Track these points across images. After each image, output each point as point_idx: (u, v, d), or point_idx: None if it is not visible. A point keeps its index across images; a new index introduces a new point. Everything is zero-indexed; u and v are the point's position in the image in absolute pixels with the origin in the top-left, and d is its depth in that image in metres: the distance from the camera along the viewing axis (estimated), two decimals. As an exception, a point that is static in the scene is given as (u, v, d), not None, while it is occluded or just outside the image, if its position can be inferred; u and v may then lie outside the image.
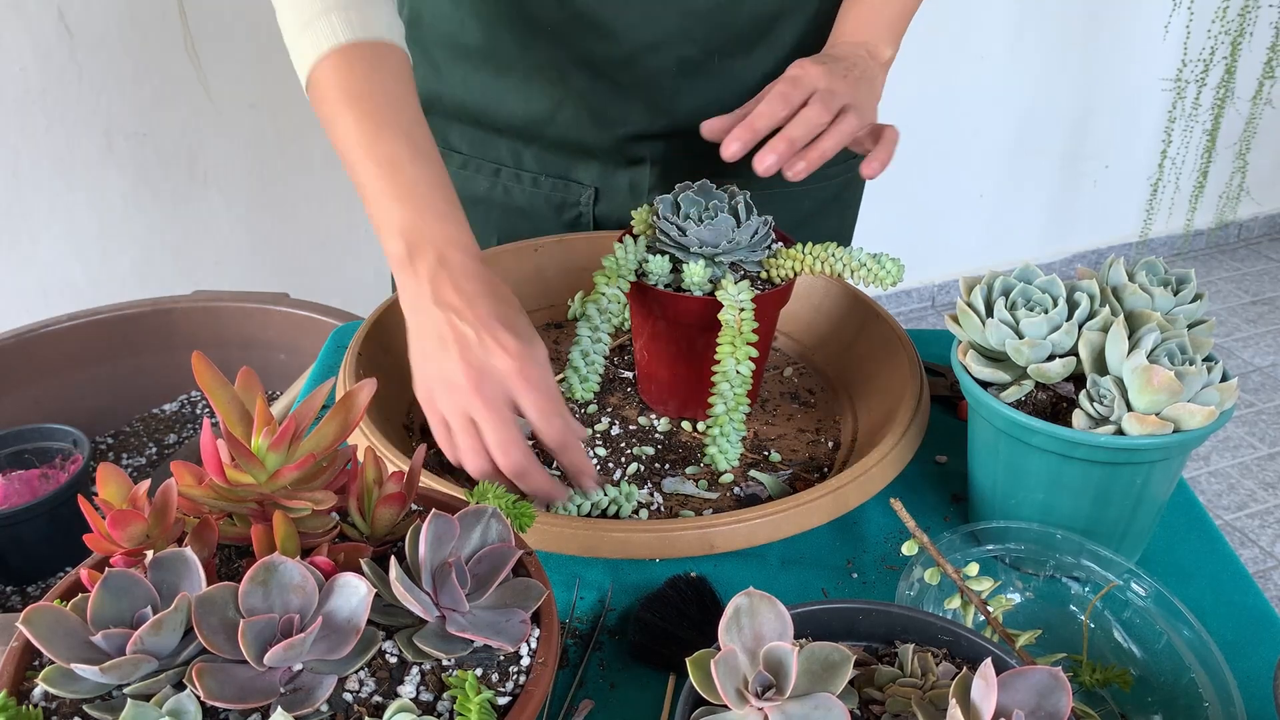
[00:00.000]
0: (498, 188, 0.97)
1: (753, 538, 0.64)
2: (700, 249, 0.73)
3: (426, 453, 0.67)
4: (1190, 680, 0.56)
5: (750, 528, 0.64)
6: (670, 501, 0.73)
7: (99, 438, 1.51)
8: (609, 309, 0.72)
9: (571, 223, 0.98)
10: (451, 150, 0.97)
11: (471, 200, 0.97)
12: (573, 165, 0.95)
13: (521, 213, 0.98)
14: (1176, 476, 0.65)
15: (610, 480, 0.75)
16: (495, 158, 0.96)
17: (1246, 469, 2.24)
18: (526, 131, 0.93)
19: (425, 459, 0.53)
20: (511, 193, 0.97)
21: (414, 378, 0.66)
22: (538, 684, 0.43)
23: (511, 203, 0.98)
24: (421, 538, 0.45)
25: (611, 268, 0.73)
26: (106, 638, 0.40)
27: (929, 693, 0.43)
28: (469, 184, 0.97)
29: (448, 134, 0.96)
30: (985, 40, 2.47)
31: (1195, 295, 0.65)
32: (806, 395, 0.85)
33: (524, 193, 0.97)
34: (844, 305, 0.88)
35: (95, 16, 1.63)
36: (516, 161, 0.96)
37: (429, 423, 0.65)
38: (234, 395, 0.47)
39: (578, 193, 0.96)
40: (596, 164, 0.95)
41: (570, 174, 0.96)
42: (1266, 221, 3.25)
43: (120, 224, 1.82)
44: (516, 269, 0.93)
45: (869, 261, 0.71)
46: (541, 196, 0.97)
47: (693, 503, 0.73)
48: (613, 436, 0.79)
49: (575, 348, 0.71)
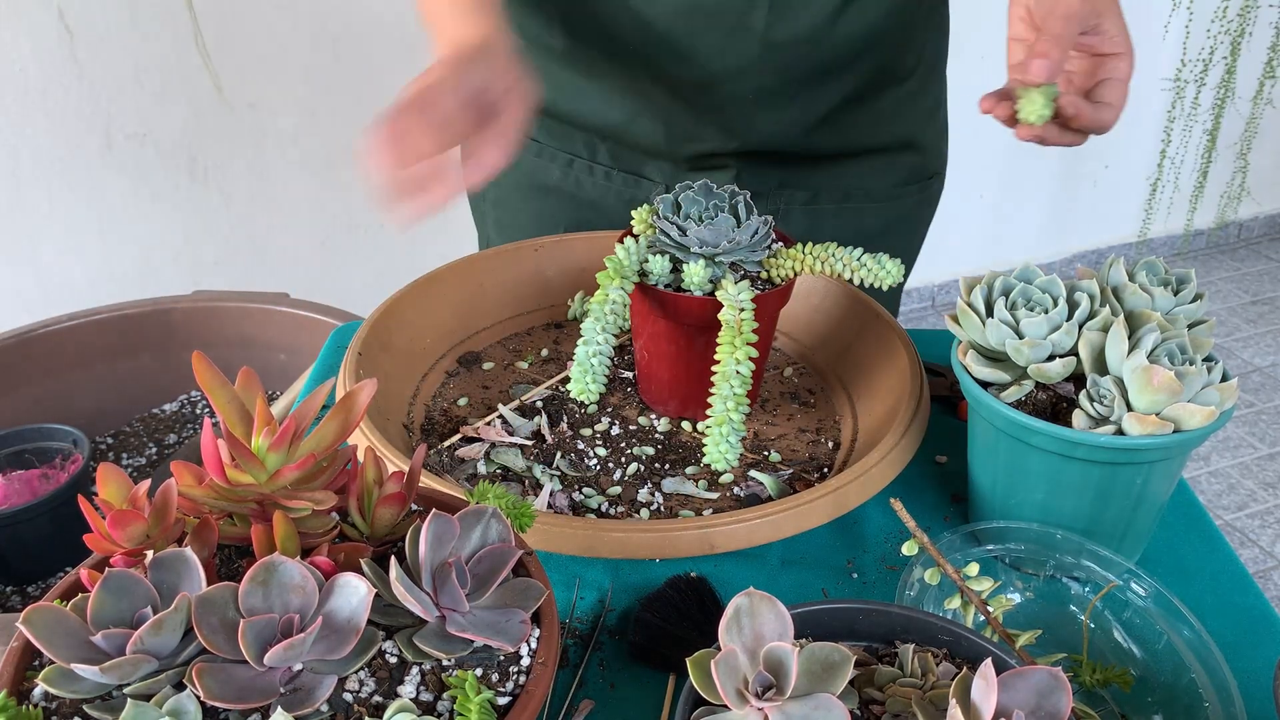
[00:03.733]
0: (570, 178, 0.98)
1: (753, 537, 0.64)
2: (700, 249, 0.73)
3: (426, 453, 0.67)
4: (1190, 680, 0.56)
5: (750, 528, 0.63)
6: (670, 502, 0.73)
7: (99, 438, 1.51)
8: (615, 309, 0.71)
9: None
10: (528, 139, 0.97)
11: (543, 189, 0.98)
12: (645, 163, 0.96)
13: (592, 204, 0.99)
14: (1176, 476, 0.65)
15: (612, 480, 0.75)
16: (570, 149, 0.97)
17: (1246, 469, 2.24)
18: (602, 131, 0.94)
19: (425, 459, 0.53)
20: (583, 184, 0.98)
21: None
22: (538, 684, 0.43)
23: (582, 194, 0.98)
24: (421, 538, 0.45)
25: (615, 267, 0.72)
26: (106, 638, 0.40)
27: (929, 693, 0.43)
28: (542, 173, 0.98)
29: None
30: (985, 40, 2.47)
31: (1195, 295, 0.65)
32: (806, 395, 0.85)
33: (595, 185, 0.98)
34: (844, 305, 0.88)
35: (95, 16, 1.63)
36: (591, 155, 0.97)
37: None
38: (234, 395, 0.47)
39: (648, 189, 0.97)
40: (669, 164, 0.95)
41: (642, 171, 0.96)
42: (1266, 221, 3.25)
43: (120, 224, 1.82)
44: (516, 269, 0.93)
45: (868, 261, 0.71)
46: (613, 191, 0.98)
47: (693, 503, 0.73)
48: (613, 436, 0.79)
49: (584, 346, 0.70)
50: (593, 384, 0.70)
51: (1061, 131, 0.69)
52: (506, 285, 0.93)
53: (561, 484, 0.74)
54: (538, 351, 0.90)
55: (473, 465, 0.76)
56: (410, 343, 0.85)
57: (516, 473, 0.75)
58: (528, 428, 0.79)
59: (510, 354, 0.90)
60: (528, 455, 0.77)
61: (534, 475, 0.74)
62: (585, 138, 0.96)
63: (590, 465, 0.76)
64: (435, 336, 0.88)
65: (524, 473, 0.75)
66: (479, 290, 0.92)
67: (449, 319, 0.89)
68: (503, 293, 0.93)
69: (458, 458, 0.76)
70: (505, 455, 0.76)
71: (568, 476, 0.75)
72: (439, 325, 0.88)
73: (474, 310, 0.91)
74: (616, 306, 0.71)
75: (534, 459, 0.76)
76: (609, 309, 0.70)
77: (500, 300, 0.93)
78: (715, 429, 0.69)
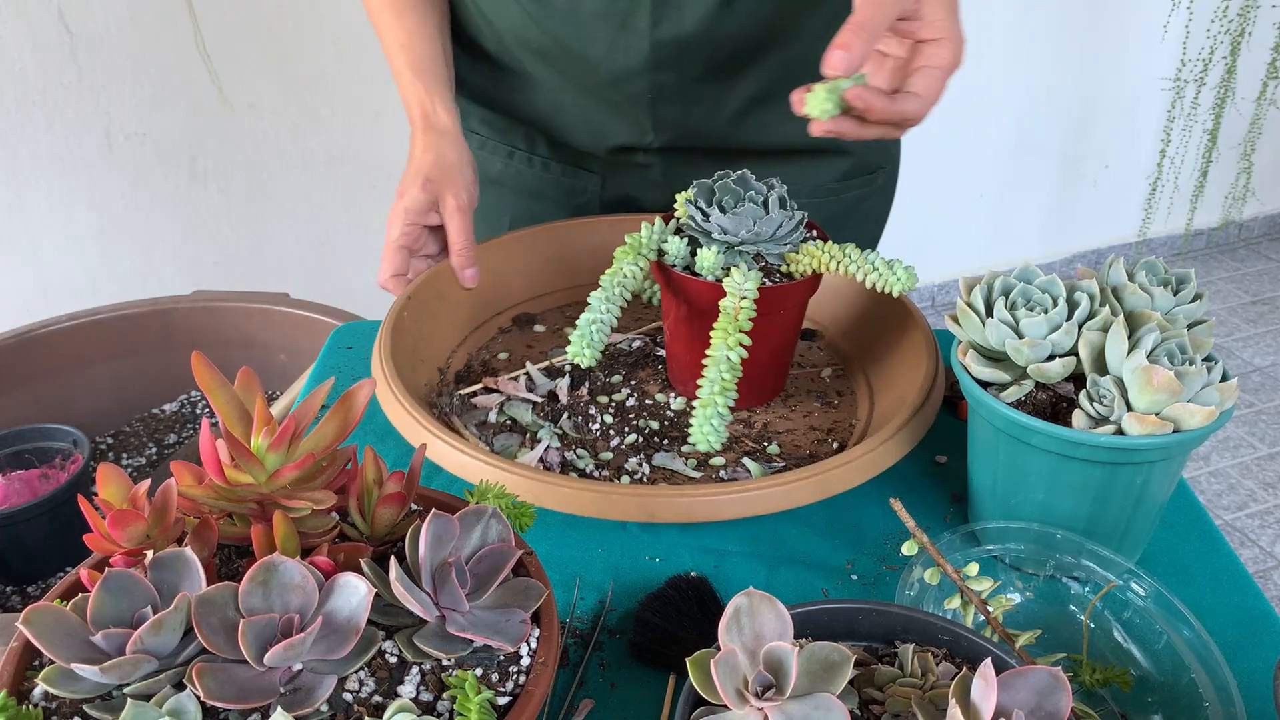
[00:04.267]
0: (511, 169, 1.00)
1: (691, 513, 0.64)
2: (719, 235, 0.74)
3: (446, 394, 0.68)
4: (1190, 680, 0.56)
5: (692, 503, 0.64)
6: (656, 475, 0.74)
7: (99, 438, 1.51)
8: (624, 282, 0.74)
9: (580, 207, 1.00)
10: (470, 132, 1.00)
11: (486, 180, 1.00)
12: (581, 156, 0.98)
13: (533, 195, 1.01)
14: (1176, 476, 0.65)
15: (608, 447, 0.77)
16: (511, 142, 0.99)
17: (1246, 469, 2.24)
18: (536, 123, 0.97)
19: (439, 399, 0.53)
20: (524, 176, 1.00)
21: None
22: (538, 684, 0.43)
23: (524, 185, 1.00)
24: (421, 538, 0.45)
25: (633, 244, 0.75)
26: (106, 638, 0.40)
27: (929, 693, 0.43)
28: (485, 165, 1.00)
29: (468, 117, 1.00)
30: (985, 40, 2.47)
31: (1195, 295, 0.65)
32: (834, 397, 0.84)
33: (536, 177, 1.00)
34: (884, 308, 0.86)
35: (95, 16, 1.63)
36: (530, 147, 0.99)
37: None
38: (234, 395, 0.47)
39: (586, 180, 0.99)
40: (603, 158, 0.97)
41: (580, 162, 0.98)
42: (1267, 221, 3.25)
43: (120, 224, 1.82)
44: (589, 239, 0.95)
45: (881, 266, 0.72)
46: (552, 181, 1.00)
47: (676, 479, 0.74)
48: (626, 407, 0.81)
49: (587, 313, 0.72)
50: (588, 350, 0.71)
51: (861, 125, 0.64)
52: (576, 256, 0.95)
53: (560, 442, 0.76)
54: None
55: (484, 414, 0.79)
56: (468, 296, 0.88)
57: (522, 426, 0.78)
58: (546, 387, 0.82)
59: (565, 320, 0.93)
60: (538, 412, 0.80)
61: (537, 430, 0.77)
62: (525, 131, 0.98)
63: (593, 429, 0.78)
64: (498, 293, 0.91)
65: (529, 426, 0.78)
66: (554, 259, 0.95)
67: (514, 278, 0.93)
68: (573, 263, 0.95)
69: (471, 404, 0.80)
70: (516, 409, 0.79)
71: (568, 437, 0.77)
72: (504, 284, 0.92)
73: (543, 275, 0.94)
74: (626, 280, 0.73)
75: (542, 416, 0.79)
76: (618, 281, 0.73)
77: (568, 269, 0.95)
78: (700, 410, 0.70)
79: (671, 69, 0.85)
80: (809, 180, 0.97)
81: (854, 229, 1.02)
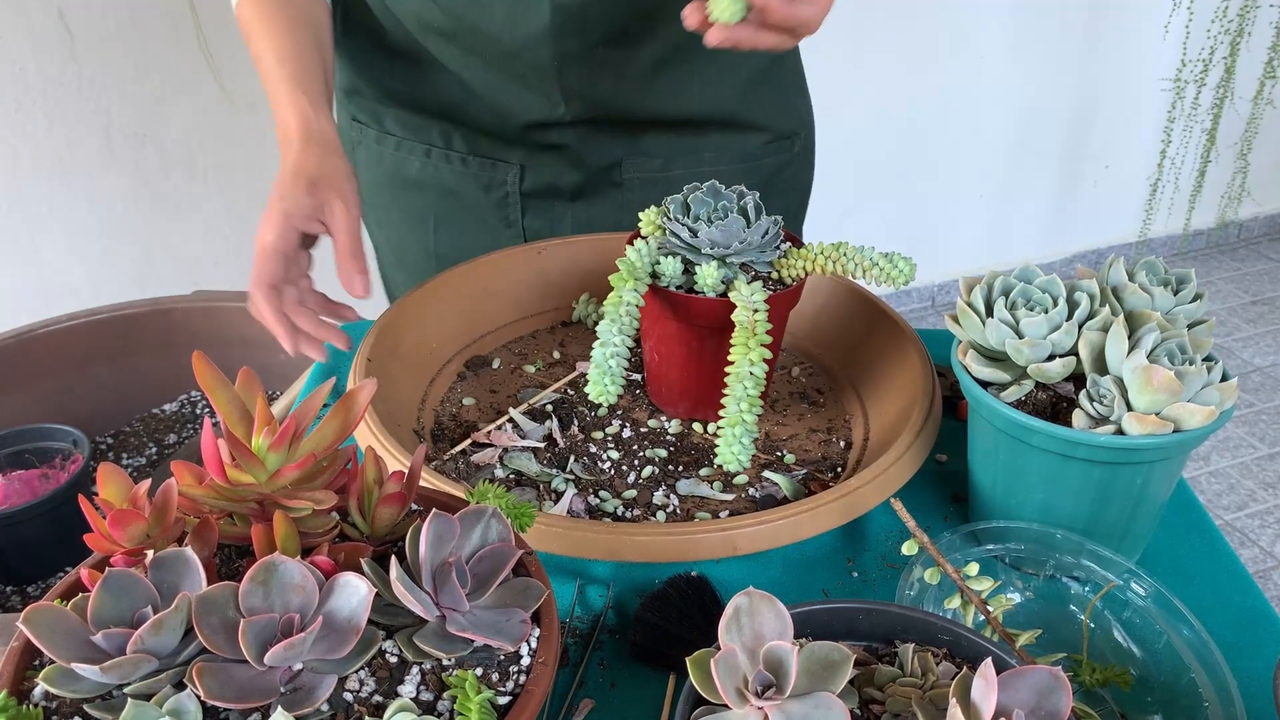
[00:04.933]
0: (429, 168, 0.99)
1: (776, 538, 0.64)
2: (712, 250, 0.73)
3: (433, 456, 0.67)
4: (1190, 680, 0.56)
5: (774, 529, 0.63)
6: (686, 504, 0.73)
7: (99, 438, 1.51)
8: (629, 310, 0.71)
9: (500, 201, 1.00)
10: (386, 134, 0.99)
11: (407, 183, 1.00)
12: (497, 146, 0.97)
13: (453, 194, 1.00)
14: (1176, 476, 0.65)
15: (626, 484, 0.75)
16: (427, 139, 0.99)
17: (1246, 469, 2.24)
18: (449, 114, 0.96)
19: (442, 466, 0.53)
20: (442, 173, 0.99)
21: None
22: (538, 684, 0.43)
23: (443, 183, 1.00)
24: (422, 537, 0.45)
25: (628, 269, 0.72)
26: (107, 637, 0.40)
27: (929, 692, 0.43)
28: (403, 166, 1.00)
29: (382, 118, 0.99)
30: (985, 40, 2.47)
31: (1195, 295, 0.65)
32: (815, 395, 0.85)
33: (454, 173, 0.99)
34: (849, 305, 0.88)
35: (95, 16, 1.63)
36: (446, 143, 0.98)
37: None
38: (234, 395, 0.47)
39: (504, 171, 0.98)
40: (520, 146, 0.96)
41: (497, 154, 0.97)
42: (1266, 221, 3.25)
43: (120, 224, 1.82)
44: (520, 272, 0.94)
45: (881, 261, 0.71)
46: (470, 176, 0.99)
47: (709, 504, 0.73)
48: (624, 439, 0.80)
49: (600, 348, 0.69)
50: (611, 385, 0.68)
51: (757, 32, 0.65)
52: (510, 289, 0.93)
53: (576, 488, 0.74)
54: (549, 353, 0.91)
55: (489, 471, 0.76)
56: (417, 348, 0.85)
57: (531, 477, 0.75)
58: (539, 431, 0.79)
59: (517, 357, 0.90)
60: (540, 459, 0.77)
61: (549, 480, 0.75)
62: (440, 127, 0.97)
63: (604, 469, 0.76)
64: (441, 341, 0.88)
65: (539, 477, 0.75)
66: (483, 294, 0.92)
67: (455, 323, 0.90)
68: (507, 296, 0.93)
69: (473, 464, 0.76)
70: (519, 460, 0.76)
71: (582, 480, 0.75)
72: (445, 330, 0.89)
73: (479, 314, 0.91)
74: (631, 308, 0.70)
75: (547, 463, 0.76)
76: (624, 310, 0.70)
77: (505, 304, 0.93)
78: (728, 430, 0.68)
79: (574, 35, 0.85)
80: (727, 151, 0.97)
81: (779, 199, 1.02)
